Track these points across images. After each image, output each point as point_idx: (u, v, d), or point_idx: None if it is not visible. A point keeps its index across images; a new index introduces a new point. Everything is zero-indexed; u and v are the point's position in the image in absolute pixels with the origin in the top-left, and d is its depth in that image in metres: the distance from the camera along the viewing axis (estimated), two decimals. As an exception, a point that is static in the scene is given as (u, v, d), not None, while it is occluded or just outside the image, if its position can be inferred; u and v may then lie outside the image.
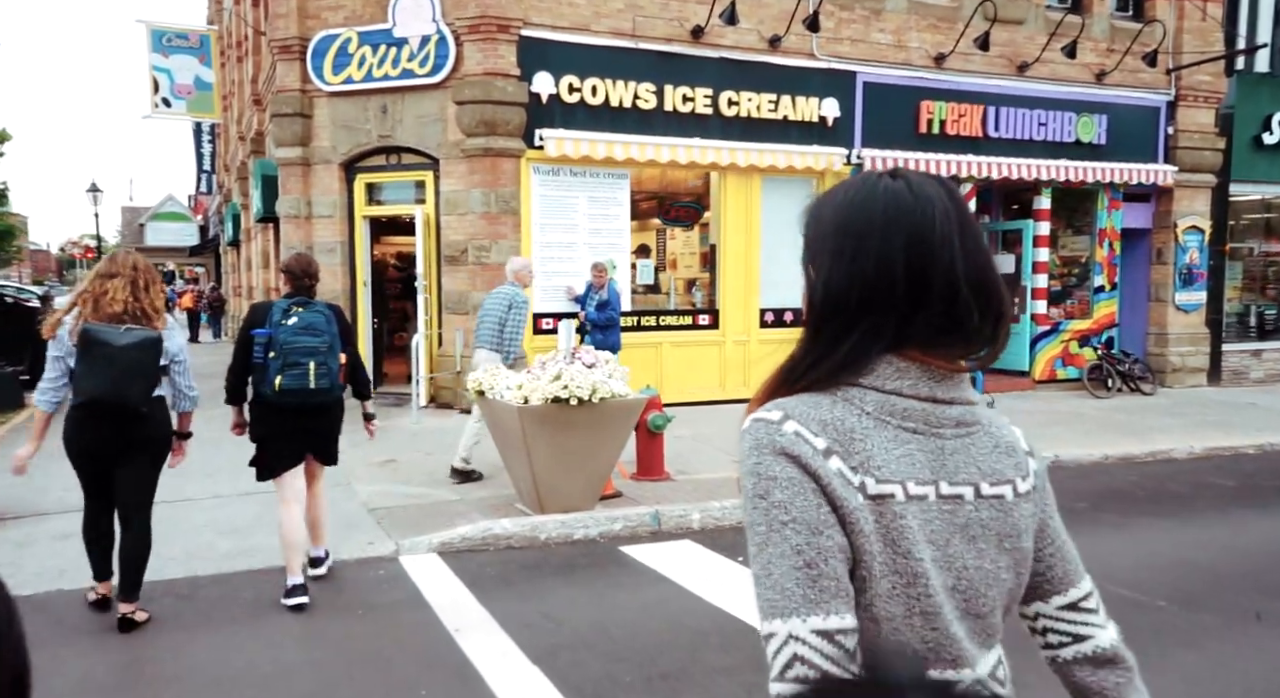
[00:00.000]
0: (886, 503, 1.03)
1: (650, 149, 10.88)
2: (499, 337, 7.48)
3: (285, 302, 4.75)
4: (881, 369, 1.07)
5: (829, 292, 1.09)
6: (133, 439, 4.31)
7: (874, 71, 12.10)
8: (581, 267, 11.00)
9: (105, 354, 4.09)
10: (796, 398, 1.08)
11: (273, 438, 4.75)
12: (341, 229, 11.49)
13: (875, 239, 1.06)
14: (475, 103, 10.35)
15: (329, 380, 4.68)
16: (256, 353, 4.61)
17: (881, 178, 1.12)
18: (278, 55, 11.38)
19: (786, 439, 1.03)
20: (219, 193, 28.92)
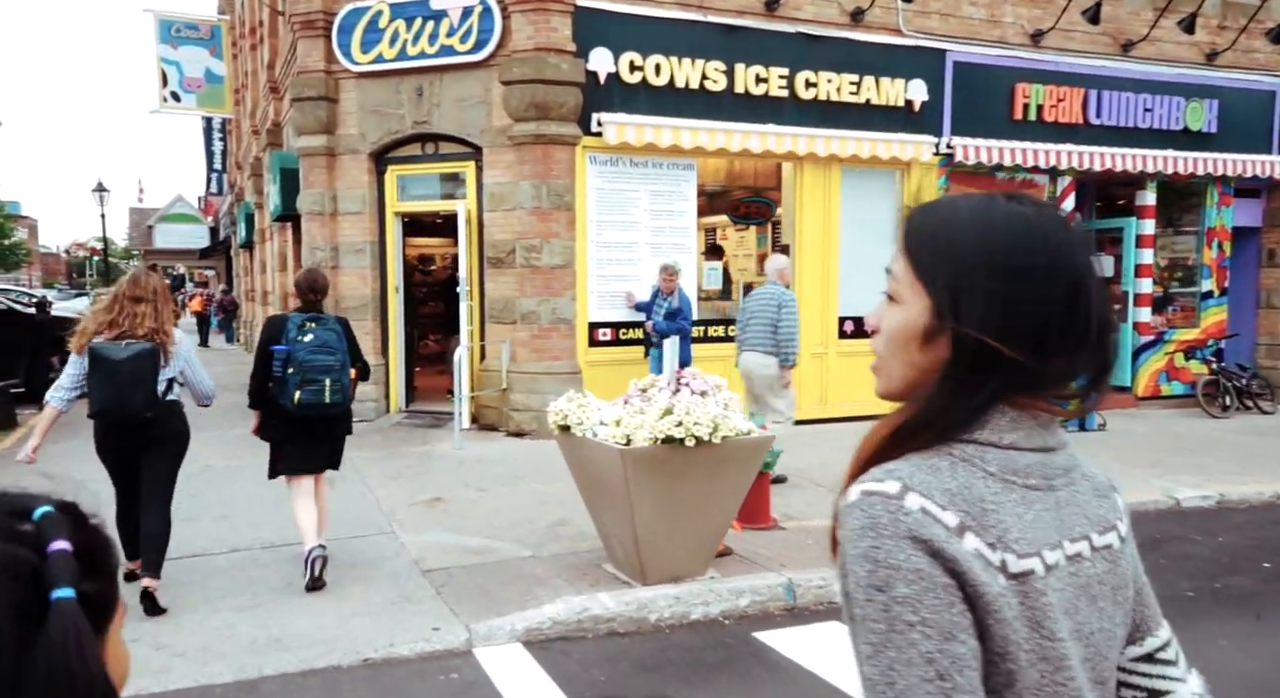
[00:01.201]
0: (1029, 581, 0.90)
1: (721, 136, 9.59)
2: (773, 339, 7.16)
3: (299, 317, 5.07)
4: (995, 420, 0.95)
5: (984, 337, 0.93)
6: (150, 440, 4.75)
7: (965, 50, 10.79)
8: (641, 269, 9.73)
9: (108, 368, 4.52)
10: (908, 463, 0.93)
11: (287, 443, 5.16)
12: (371, 227, 10.23)
13: (1037, 280, 0.94)
14: (525, 82, 9.07)
15: (341, 395, 5.05)
16: (275, 368, 4.94)
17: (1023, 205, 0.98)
18: (299, 32, 10.12)
19: (913, 519, 0.88)
20: (230, 193, 27.73)
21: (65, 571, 0.68)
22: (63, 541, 0.70)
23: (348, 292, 10.28)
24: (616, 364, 9.63)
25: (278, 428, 5.12)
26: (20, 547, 0.69)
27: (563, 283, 9.39)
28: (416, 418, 10.29)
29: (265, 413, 5.16)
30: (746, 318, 7.38)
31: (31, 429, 5.18)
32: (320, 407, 4.96)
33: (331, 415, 5.10)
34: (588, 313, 9.60)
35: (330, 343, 5.00)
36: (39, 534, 0.70)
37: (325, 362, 4.95)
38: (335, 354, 5.00)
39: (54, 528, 0.71)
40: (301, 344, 4.93)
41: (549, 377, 9.35)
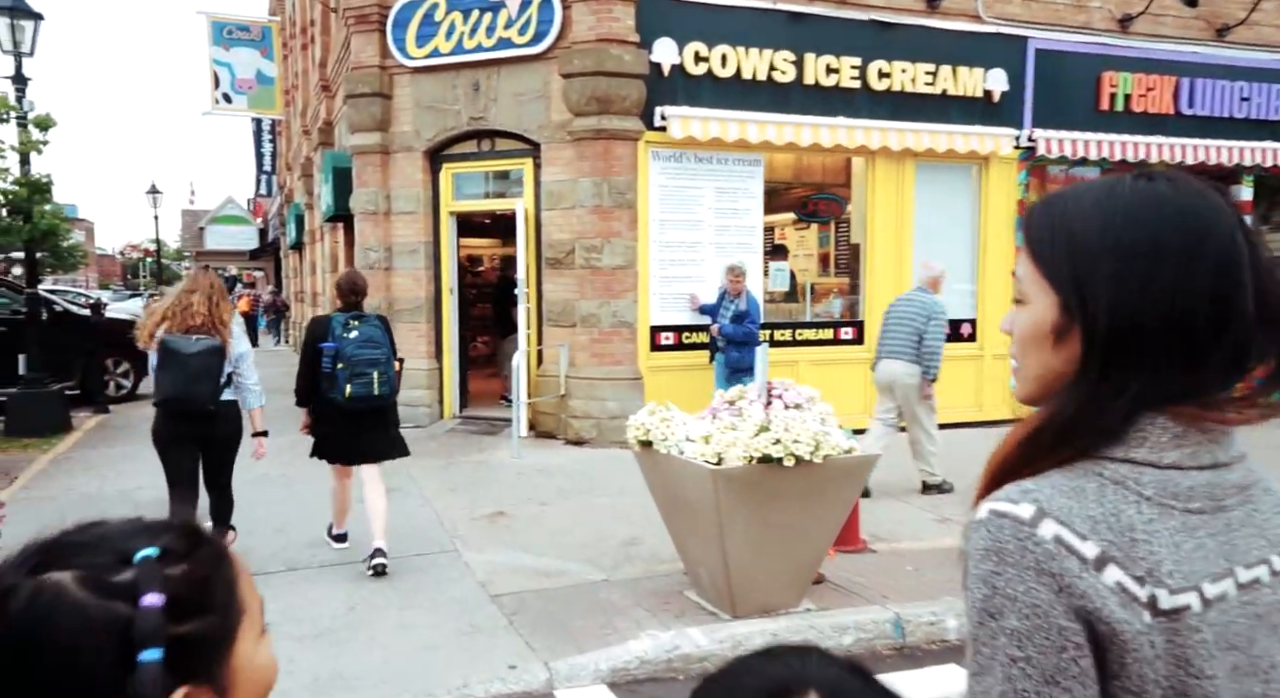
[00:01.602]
0: (1181, 617, 0.81)
1: (790, 130, 9.11)
2: (916, 349, 6.89)
3: (342, 316, 5.31)
4: (1155, 436, 0.85)
5: (1114, 328, 0.85)
6: (208, 436, 5.04)
7: (1048, 37, 10.18)
8: (705, 270, 9.29)
9: (178, 360, 4.80)
10: (1049, 482, 0.85)
11: (335, 435, 5.38)
12: (425, 227, 9.92)
13: (1172, 262, 0.84)
14: (586, 75, 8.68)
15: (388, 386, 5.31)
16: (325, 364, 5.18)
17: (1154, 182, 0.89)
18: (353, 27, 9.85)
19: (1044, 550, 0.81)
20: (280, 194, 27.84)
21: (151, 631, 0.68)
22: (155, 593, 0.70)
23: (401, 294, 9.98)
24: (680, 370, 9.21)
25: (328, 423, 5.37)
26: (114, 601, 0.69)
27: (624, 284, 8.98)
28: (471, 424, 9.96)
29: (315, 409, 5.45)
30: (890, 324, 7.08)
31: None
32: (370, 398, 5.22)
33: (380, 406, 5.37)
34: (649, 316, 9.18)
35: (375, 338, 5.28)
36: (134, 585, 0.70)
37: (372, 355, 5.22)
38: (381, 348, 5.28)
39: (149, 579, 0.71)
40: (348, 340, 5.19)
41: (609, 383, 8.95)
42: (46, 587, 0.70)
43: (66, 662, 0.68)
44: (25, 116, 10.25)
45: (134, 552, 0.72)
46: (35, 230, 10.31)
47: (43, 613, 0.68)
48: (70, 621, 0.68)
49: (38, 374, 10.16)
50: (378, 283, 9.92)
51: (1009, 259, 10.32)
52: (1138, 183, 0.90)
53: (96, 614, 0.68)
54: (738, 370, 8.52)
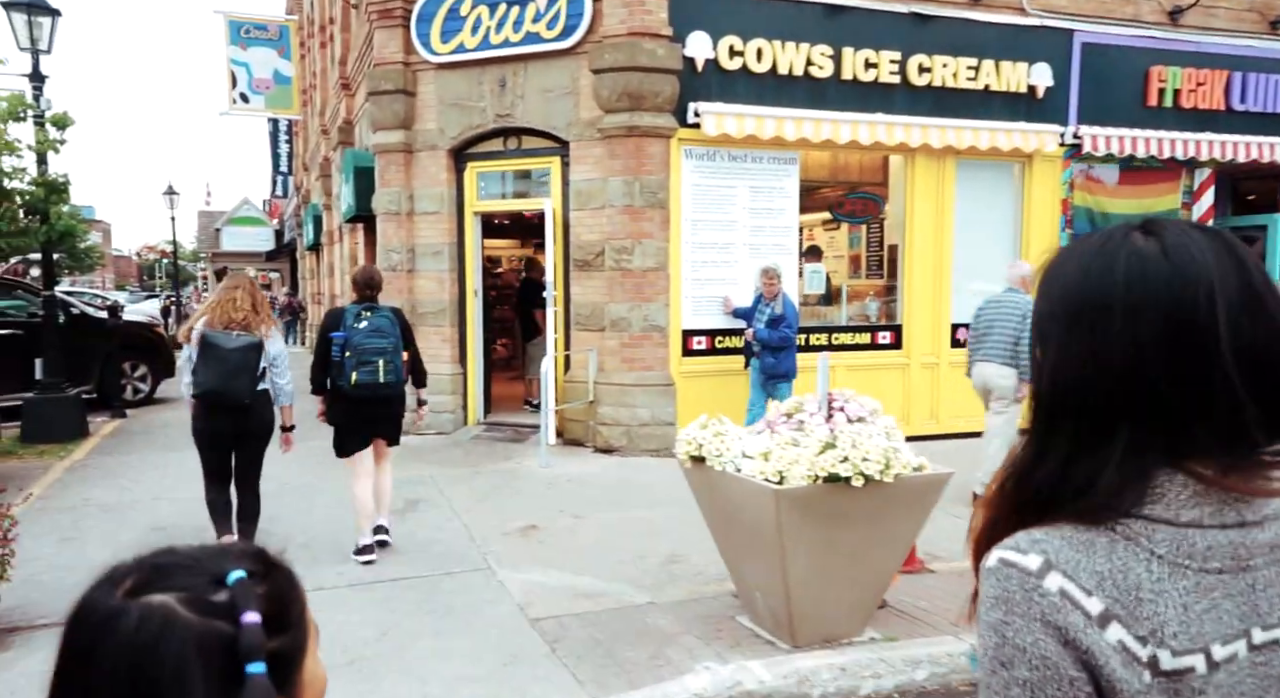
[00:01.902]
0: (1184, 679, 0.80)
1: (827, 126, 8.78)
2: (1013, 352, 6.61)
3: (355, 307, 5.51)
4: (1173, 494, 0.83)
5: (1055, 384, 0.89)
6: (244, 428, 5.18)
7: (1095, 30, 9.81)
8: (739, 272, 8.97)
9: (217, 355, 4.95)
10: (1060, 533, 0.85)
11: (347, 423, 5.56)
12: (449, 228, 9.64)
13: (1116, 320, 0.85)
14: (617, 70, 8.38)
15: (395, 375, 5.45)
16: (334, 353, 5.36)
17: (1130, 235, 0.89)
18: (376, 22, 9.58)
19: (1049, 602, 0.82)
20: (296, 195, 27.68)
21: (256, 645, 0.73)
22: (253, 612, 0.74)
23: (424, 296, 9.71)
24: (713, 375, 8.90)
25: (339, 410, 5.54)
26: (217, 620, 0.74)
27: (655, 287, 8.67)
28: (496, 431, 9.67)
29: (328, 397, 5.60)
30: (983, 327, 6.84)
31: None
32: (375, 386, 5.37)
33: (386, 395, 5.51)
34: (681, 320, 8.87)
35: (383, 328, 5.44)
36: (233, 605, 0.75)
37: (379, 345, 5.38)
38: (388, 338, 5.43)
39: (246, 598, 0.75)
40: (357, 330, 5.37)
41: (640, 389, 8.65)
42: (155, 609, 0.73)
43: (182, 679, 0.71)
44: (42, 115, 10.03)
45: (225, 573, 0.77)
46: (52, 231, 10.08)
47: (156, 633, 0.72)
48: (181, 640, 0.72)
49: (55, 378, 9.94)
50: (400, 285, 9.66)
51: (1053, 261, 9.96)
52: (1129, 238, 0.88)
53: (204, 633, 0.73)
54: (773, 377, 8.22)
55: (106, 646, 0.73)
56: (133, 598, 0.74)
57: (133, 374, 12.46)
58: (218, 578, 0.77)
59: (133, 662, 0.71)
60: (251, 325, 5.09)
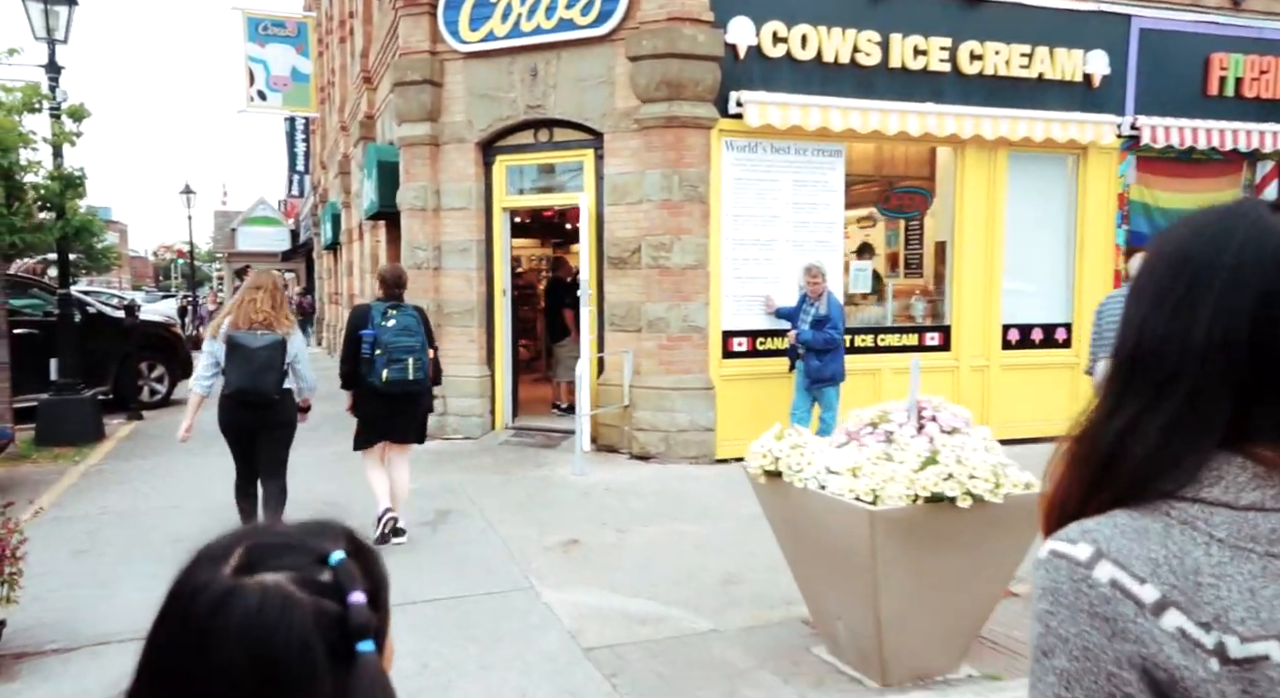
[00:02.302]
0: (1259, 667, 0.75)
1: (875, 116, 8.35)
2: None
3: (382, 305, 5.66)
4: (1232, 476, 0.80)
5: (1141, 343, 0.86)
6: (268, 422, 5.30)
7: (1153, 15, 9.34)
8: (781, 270, 8.55)
9: (245, 354, 5.12)
10: (1112, 522, 0.82)
11: (374, 418, 5.71)
12: (477, 224, 9.25)
13: (1215, 285, 0.81)
14: (655, 57, 7.98)
15: (423, 372, 5.62)
16: (364, 350, 5.52)
17: (1259, 206, 0.85)
18: (402, 10, 9.20)
19: (1098, 593, 0.79)
20: (313, 194, 27.40)
21: (365, 624, 0.74)
22: (359, 592, 0.75)
23: (451, 296, 9.32)
24: (754, 379, 8.48)
25: (367, 404, 5.70)
26: (326, 599, 0.75)
27: (695, 286, 8.26)
28: (525, 436, 9.28)
29: (356, 392, 5.74)
30: (1104, 324, 6.45)
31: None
32: (405, 383, 5.56)
33: (415, 392, 5.69)
34: (721, 320, 8.45)
35: (411, 326, 5.62)
36: (339, 585, 0.76)
37: (408, 343, 5.57)
38: (416, 336, 5.62)
39: (350, 579, 0.76)
40: (386, 328, 5.53)
41: (678, 392, 8.23)
42: (271, 588, 0.73)
43: (306, 658, 0.71)
44: (59, 107, 9.71)
45: (328, 553, 0.78)
46: (68, 227, 9.76)
47: (277, 613, 0.72)
48: (299, 619, 0.72)
49: (70, 380, 9.61)
50: (425, 284, 9.29)
51: (1109, 258, 9.50)
52: (1256, 209, 0.85)
53: (318, 612, 0.74)
54: (819, 381, 7.80)
55: (224, 626, 0.72)
56: (243, 577, 0.74)
57: (149, 375, 12.15)
58: (321, 557, 0.78)
59: (256, 640, 0.71)
60: (273, 324, 5.24)
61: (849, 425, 4.02)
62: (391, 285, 5.80)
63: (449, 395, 9.35)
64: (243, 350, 5.13)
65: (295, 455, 6.17)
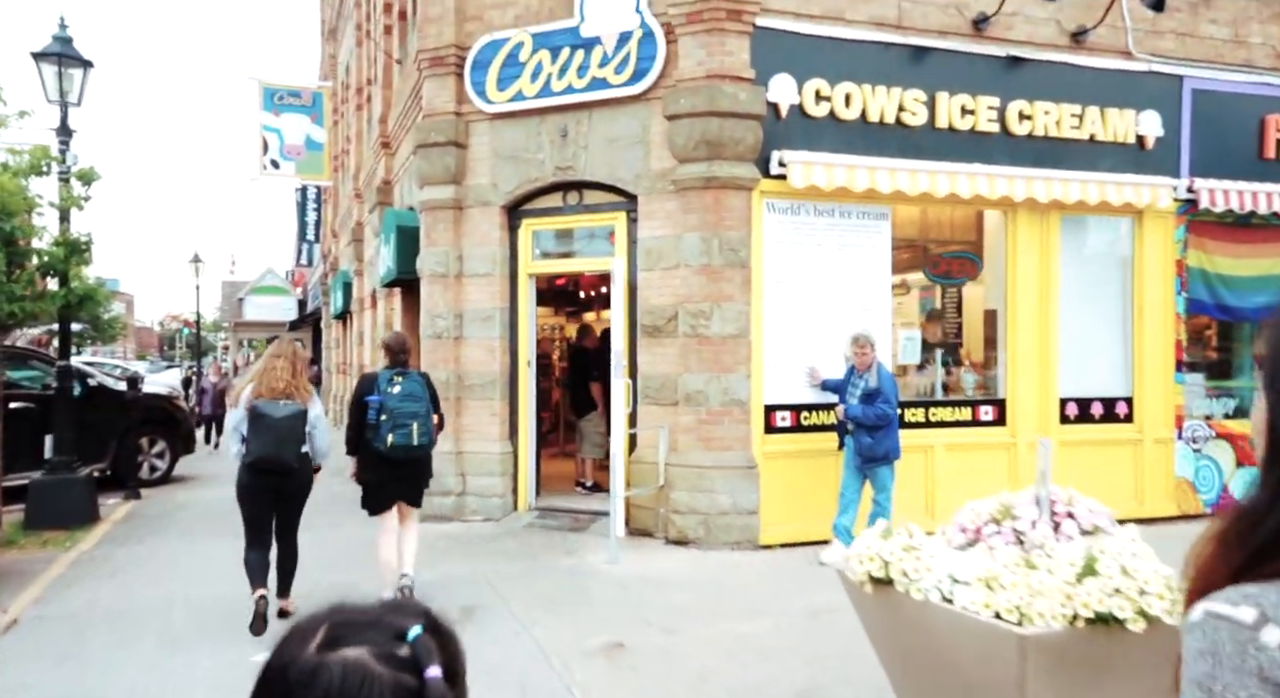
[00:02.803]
0: None
1: (924, 178, 7.91)
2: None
3: (388, 372, 5.82)
4: None
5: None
6: (287, 486, 5.58)
7: (1205, 76, 8.99)
8: (826, 339, 8.02)
9: (267, 424, 5.37)
10: (1276, 588, 0.81)
11: (379, 483, 5.84)
12: (502, 291, 8.76)
13: None
14: (694, 116, 7.59)
15: (426, 437, 5.80)
16: (370, 416, 5.67)
17: None
18: (427, 70, 8.89)
19: (1267, 655, 0.77)
20: (323, 263, 27.16)
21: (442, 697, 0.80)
22: (436, 666, 0.80)
23: (472, 366, 8.78)
24: (800, 457, 7.88)
25: (372, 469, 5.79)
26: (404, 673, 0.80)
27: (736, 356, 7.71)
28: (550, 518, 8.61)
29: (361, 457, 5.82)
30: None
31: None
32: (409, 448, 5.70)
33: (417, 456, 5.83)
34: (764, 393, 7.87)
35: (416, 393, 5.76)
36: (416, 660, 0.81)
37: (413, 408, 5.70)
38: (421, 402, 5.76)
39: (428, 654, 0.81)
40: (392, 395, 5.67)
41: (719, 471, 7.62)
42: (354, 663, 0.80)
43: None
44: (68, 170, 9.34)
45: (406, 629, 0.83)
46: (71, 295, 9.27)
47: (357, 687, 0.78)
48: (379, 692, 0.78)
49: (65, 458, 9.01)
50: (445, 354, 8.77)
51: (1169, 328, 8.97)
52: None
53: (396, 686, 0.79)
54: (871, 460, 7.19)
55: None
56: (327, 653, 0.80)
57: (150, 451, 11.55)
58: (400, 634, 0.83)
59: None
60: (294, 393, 5.46)
61: (963, 520, 3.41)
62: (397, 352, 5.93)
63: (469, 474, 8.75)
64: (265, 420, 5.34)
65: (305, 538, 5.95)
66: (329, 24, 23.58)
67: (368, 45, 16.04)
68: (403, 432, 5.63)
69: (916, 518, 7.91)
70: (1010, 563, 2.99)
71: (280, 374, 5.47)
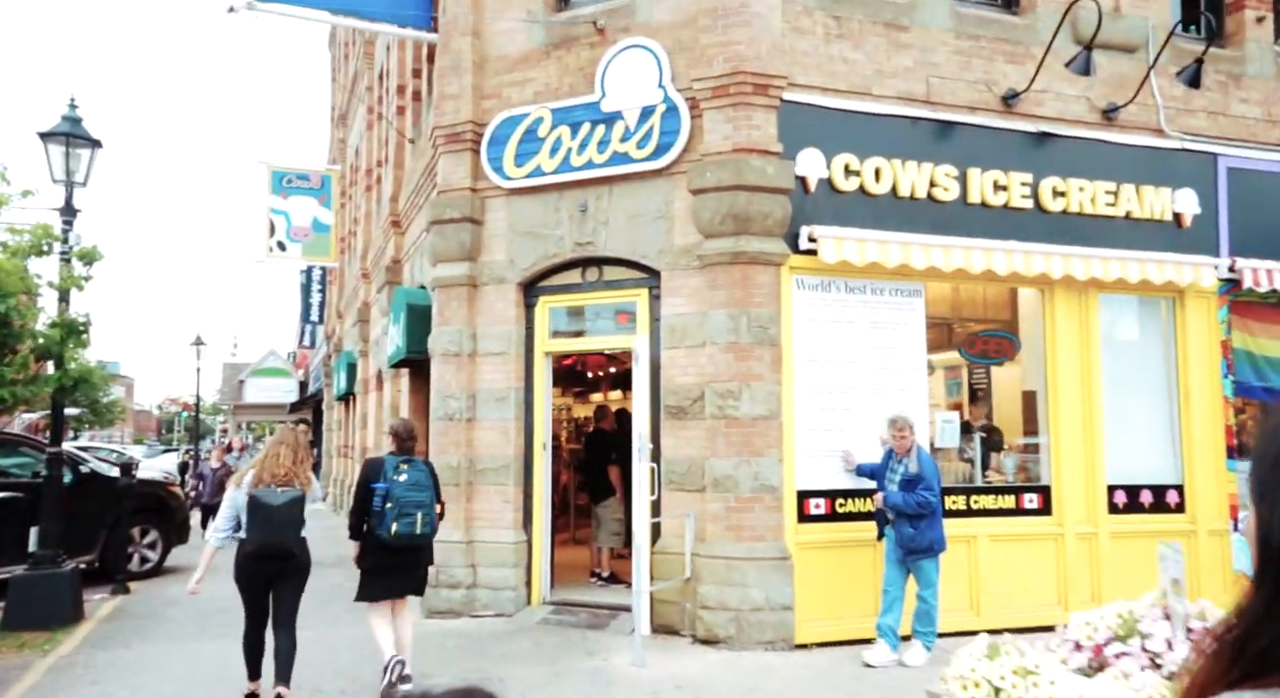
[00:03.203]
0: None
1: (959, 254, 7.62)
2: None
3: (394, 459, 5.83)
4: None
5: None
6: (286, 571, 5.56)
7: (1239, 154, 8.80)
8: (860, 420, 7.60)
9: (267, 513, 5.40)
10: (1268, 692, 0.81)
11: (379, 570, 5.80)
12: (517, 371, 8.38)
13: None
14: (721, 190, 7.34)
15: (430, 527, 5.78)
16: (375, 503, 5.67)
17: None
18: (443, 146, 8.71)
19: None
20: (327, 344, 26.90)
21: None
22: None
23: (485, 450, 8.33)
24: (837, 547, 7.37)
25: (374, 556, 5.77)
26: None
27: (766, 439, 7.27)
28: (567, 614, 8.02)
29: (363, 544, 5.81)
30: None
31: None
32: (413, 537, 5.67)
33: (419, 544, 5.80)
34: (796, 478, 7.41)
35: (422, 482, 5.77)
36: None
37: (418, 498, 5.70)
38: (426, 491, 5.78)
39: None
40: (398, 483, 5.67)
41: (750, 563, 7.09)
42: None
43: None
44: (69, 251, 9.05)
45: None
46: (65, 378, 8.85)
47: None
48: None
49: (50, 551, 8.43)
50: (458, 436, 8.34)
51: (1218, 412, 8.55)
52: None
53: None
54: (914, 551, 6.69)
55: None
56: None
57: (141, 541, 10.96)
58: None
59: None
60: (293, 479, 5.51)
61: (1077, 635, 2.93)
62: (406, 439, 5.96)
63: (480, 564, 8.20)
64: (265, 509, 5.37)
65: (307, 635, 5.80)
66: (339, 110, 23.88)
67: (379, 128, 16.09)
68: (407, 521, 5.61)
69: (961, 616, 7.40)
70: (1149, 690, 2.51)
71: (282, 461, 5.56)
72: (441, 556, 8.07)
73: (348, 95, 22.51)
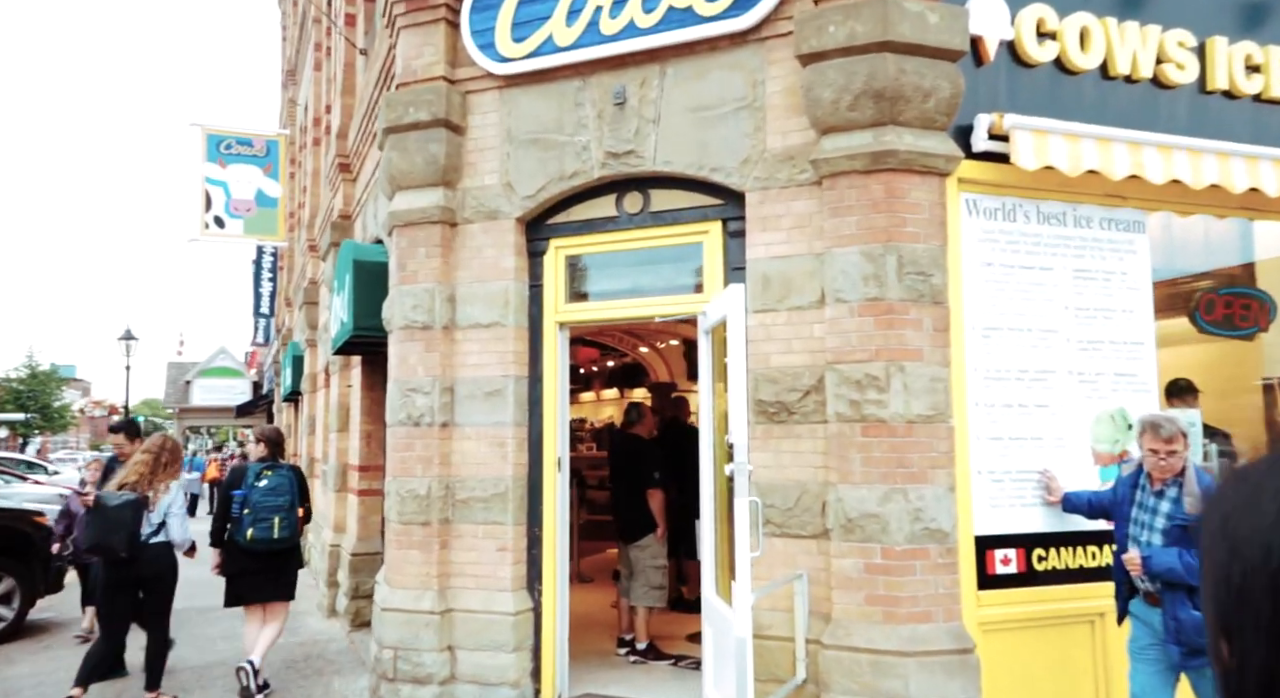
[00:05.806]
0: None
1: (1211, 162, 4.88)
2: None
3: (258, 466, 5.98)
4: None
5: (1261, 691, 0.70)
6: (139, 575, 5.52)
7: None
8: (1061, 422, 4.83)
9: (102, 515, 5.37)
10: None
11: (241, 575, 5.90)
12: (517, 352, 5.51)
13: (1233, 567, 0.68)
14: (851, 52, 4.53)
15: (289, 531, 5.84)
16: (234, 509, 5.80)
17: None
18: (403, 18, 5.82)
19: None
20: (276, 338, 23.75)
21: None
22: None
23: (469, 470, 5.47)
24: (1037, 627, 4.60)
25: (234, 563, 5.88)
26: None
27: (932, 453, 4.47)
28: None
29: (224, 550, 5.90)
30: None
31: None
32: (269, 542, 5.75)
33: (279, 549, 5.85)
34: (973, 516, 4.62)
35: (280, 487, 5.87)
36: None
37: (275, 503, 5.80)
38: (284, 496, 5.86)
39: None
40: (257, 488, 5.80)
41: (913, 661, 4.28)
42: None
43: None
44: None
45: None
46: None
47: None
48: None
49: None
50: (426, 450, 5.50)
51: None
52: None
53: None
54: (1199, 650, 3.92)
55: None
56: None
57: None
58: None
59: None
60: (142, 485, 5.51)
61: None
62: (272, 445, 6.07)
63: (460, 647, 5.36)
64: (100, 509, 5.35)
65: None
66: (289, 64, 20.79)
67: (328, 65, 13.10)
68: (263, 526, 5.71)
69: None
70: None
71: (136, 469, 5.60)
72: (401, 632, 5.22)
73: (296, 46, 19.45)
